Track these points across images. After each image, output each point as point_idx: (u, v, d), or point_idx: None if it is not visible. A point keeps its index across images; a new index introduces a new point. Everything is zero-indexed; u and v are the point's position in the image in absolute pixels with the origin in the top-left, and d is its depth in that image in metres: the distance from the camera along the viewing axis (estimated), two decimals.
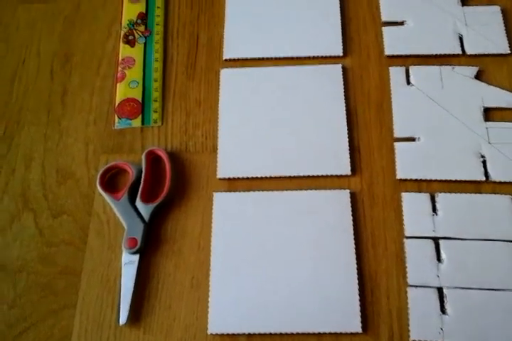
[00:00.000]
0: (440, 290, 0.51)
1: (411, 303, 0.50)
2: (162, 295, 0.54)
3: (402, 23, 0.65)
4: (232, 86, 0.63)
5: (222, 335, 0.51)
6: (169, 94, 0.65)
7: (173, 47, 0.68)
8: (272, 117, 0.61)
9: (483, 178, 0.55)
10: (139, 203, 0.56)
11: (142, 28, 0.69)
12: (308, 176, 0.58)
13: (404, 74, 0.61)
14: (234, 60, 0.65)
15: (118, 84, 0.65)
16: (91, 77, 0.66)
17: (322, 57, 0.64)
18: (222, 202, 0.57)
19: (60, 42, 0.69)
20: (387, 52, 0.63)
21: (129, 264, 0.54)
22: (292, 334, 0.51)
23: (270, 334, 0.51)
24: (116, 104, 0.64)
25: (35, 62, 0.68)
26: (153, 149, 0.60)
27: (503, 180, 0.55)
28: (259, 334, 0.51)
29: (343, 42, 0.64)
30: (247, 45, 0.65)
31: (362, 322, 0.50)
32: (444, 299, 0.50)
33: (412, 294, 0.51)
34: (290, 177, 0.58)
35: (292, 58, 0.64)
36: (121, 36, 0.68)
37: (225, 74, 0.64)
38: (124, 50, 0.67)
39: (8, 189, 0.60)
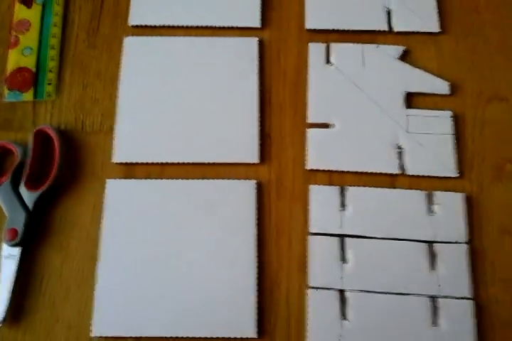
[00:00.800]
0: (342, 293, 0.47)
1: (310, 307, 0.47)
2: (46, 292, 0.49)
3: None
4: (136, 57, 0.56)
5: (106, 338, 0.47)
6: (67, 63, 0.57)
7: (74, 10, 0.60)
8: (177, 96, 0.54)
9: (399, 171, 0.51)
10: (22, 190, 0.50)
11: None
12: (214, 163, 0.52)
13: (325, 51, 0.55)
14: (141, 26, 0.58)
15: (10, 51, 0.57)
16: None
17: (238, 28, 0.57)
18: (116, 190, 0.51)
19: None
20: (308, 25, 0.57)
21: (8, 258, 0.49)
22: (183, 338, 0.47)
23: (159, 338, 0.47)
24: (7, 74, 0.56)
25: None
26: (43, 128, 0.53)
27: (420, 174, 0.51)
28: (147, 338, 0.47)
29: (262, 12, 0.57)
30: (157, 10, 0.58)
31: (258, 326, 0.46)
32: (346, 302, 0.47)
33: (312, 296, 0.47)
34: (194, 164, 0.52)
35: (205, 28, 0.58)
36: None
37: (129, 43, 0.57)
38: (20, 12, 0.59)
39: None
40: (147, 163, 0.52)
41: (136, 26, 0.58)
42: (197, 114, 0.53)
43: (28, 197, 0.50)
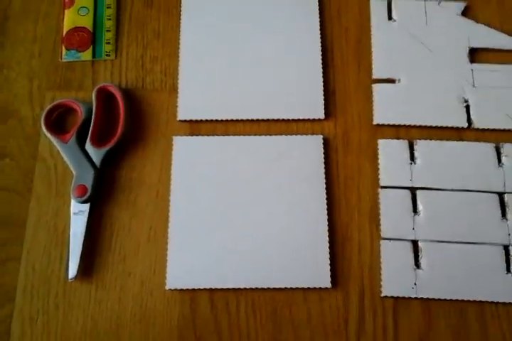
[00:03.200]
0: (415, 243, 0.46)
1: (384, 257, 0.46)
2: (116, 248, 0.48)
3: None
4: (196, 15, 0.55)
5: (181, 291, 0.46)
6: (124, 23, 0.56)
7: None
8: (239, 53, 0.53)
9: (466, 125, 0.50)
10: (89, 147, 0.49)
11: None
12: (278, 120, 0.51)
13: (386, 7, 0.54)
14: None
15: (66, 11, 0.56)
16: (34, 1, 0.57)
17: None
18: (183, 147, 0.50)
19: None
20: None
21: (78, 214, 0.48)
22: (257, 289, 0.46)
23: (234, 289, 0.46)
24: (64, 34, 0.55)
25: None
26: (105, 85, 0.52)
27: (486, 127, 0.50)
28: (222, 290, 0.46)
29: None
30: None
31: (331, 276, 0.46)
32: (419, 253, 0.46)
33: (385, 247, 0.46)
34: (258, 121, 0.51)
35: None
36: None
37: (188, 2, 0.55)
38: None
39: None
40: (212, 120, 0.51)
41: None
42: (261, 71, 0.52)
43: (95, 154, 0.49)
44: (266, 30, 0.54)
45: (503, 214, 0.47)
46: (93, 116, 0.50)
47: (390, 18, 0.54)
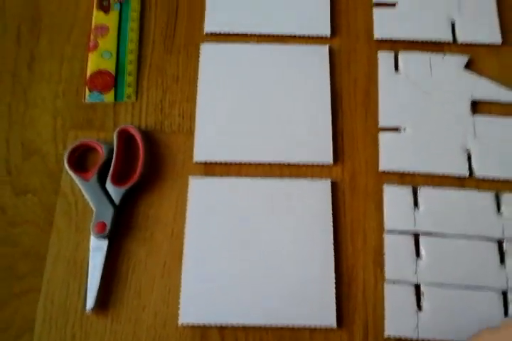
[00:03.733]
0: (417, 286, 0.48)
1: (387, 299, 0.48)
2: (132, 282, 0.50)
3: (393, 5, 0.60)
4: (213, 63, 0.58)
5: (193, 326, 0.48)
6: (145, 67, 0.59)
7: (150, 16, 0.61)
8: (253, 98, 0.56)
9: (467, 173, 0.52)
10: (109, 185, 0.52)
11: None
12: (289, 164, 0.54)
13: (393, 59, 0.57)
14: (215, 34, 0.59)
15: (90, 54, 0.59)
16: (61, 43, 0.60)
17: (308, 36, 0.59)
18: (198, 187, 0.53)
19: (26, 2, 0.62)
20: (377, 35, 0.58)
21: (97, 250, 0.50)
22: (266, 327, 0.48)
23: (243, 326, 0.48)
24: (88, 76, 0.58)
25: (0, 23, 0.61)
26: (126, 127, 0.54)
27: (486, 176, 0.52)
28: (232, 327, 0.48)
29: (331, 21, 0.59)
30: (230, 18, 0.60)
31: (337, 316, 0.48)
32: (421, 296, 0.48)
33: (388, 289, 0.48)
34: (270, 164, 0.54)
35: (277, 36, 0.59)
36: (95, 1, 0.62)
37: (206, 50, 0.59)
38: (98, 17, 0.61)
39: None
40: (225, 163, 0.54)
41: (211, 33, 0.59)
42: (273, 117, 0.55)
43: (115, 192, 0.52)
44: (279, 78, 0.57)
45: (502, 261, 0.49)
46: (114, 157, 0.53)
47: (396, 69, 0.57)
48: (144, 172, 0.53)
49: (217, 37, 0.60)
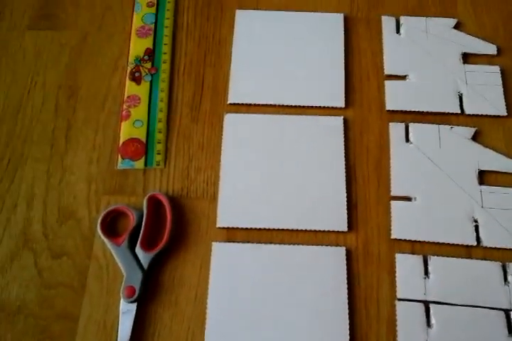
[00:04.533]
0: None
1: None
2: None
3: (404, 78, 0.63)
4: (235, 132, 0.62)
5: None
6: (173, 135, 0.63)
7: (178, 87, 0.66)
8: (272, 167, 0.59)
9: (475, 243, 0.55)
10: (138, 250, 0.55)
11: (149, 64, 0.67)
12: (306, 230, 0.57)
13: (404, 130, 0.60)
14: (238, 104, 0.63)
15: (123, 123, 0.63)
16: (96, 113, 0.64)
17: (324, 107, 0.63)
18: (221, 253, 0.56)
19: (65, 73, 0.67)
20: (388, 106, 0.62)
21: (126, 313, 0.53)
22: None
23: None
24: (120, 144, 0.62)
25: (40, 94, 0.66)
26: (155, 194, 0.58)
27: (493, 246, 0.54)
28: None
29: (345, 93, 0.63)
30: (251, 90, 0.64)
31: None
32: None
33: None
34: (288, 230, 0.57)
35: (295, 106, 0.63)
36: (128, 72, 0.66)
37: (229, 120, 0.62)
38: (130, 88, 0.65)
39: (9, 226, 0.58)
40: (246, 228, 0.57)
41: (234, 104, 0.63)
42: (291, 185, 0.58)
43: (144, 257, 0.55)
44: (297, 147, 0.60)
45: (510, 331, 0.51)
46: (143, 222, 0.56)
47: (407, 140, 0.60)
48: (170, 237, 0.56)
49: (240, 107, 0.63)
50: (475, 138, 0.60)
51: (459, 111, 0.61)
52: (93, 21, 0.70)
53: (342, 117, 0.62)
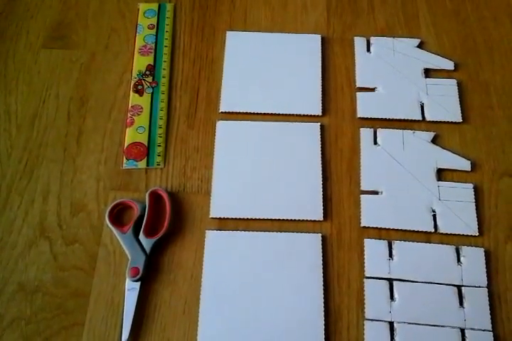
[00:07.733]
0: (391, 324, 0.57)
1: (367, 335, 0.57)
2: (158, 318, 0.60)
3: (373, 90, 0.72)
4: (226, 137, 0.69)
5: None
6: (171, 139, 0.71)
7: (176, 98, 0.73)
8: (258, 166, 0.67)
9: (433, 230, 0.62)
10: (142, 237, 0.62)
11: (150, 78, 0.75)
12: (287, 220, 0.64)
13: (373, 135, 0.68)
14: (228, 112, 0.71)
15: (127, 129, 0.71)
16: (103, 120, 0.72)
17: (304, 115, 0.71)
18: (213, 239, 0.63)
19: (76, 87, 0.74)
20: (359, 114, 0.70)
21: (131, 290, 0.60)
22: None
23: None
24: (125, 147, 0.70)
25: (54, 104, 0.73)
26: (156, 189, 0.65)
27: (449, 232, 0.62)
28: None
29: (322, 103, 0.71)
30: (240, 100, 0.72)
31: None
32: (394, 332, 0.57)
33: (368, 327, 0.57)
34: (272, 220, 0.64)
35: (278, 114, 0.71)
36: (132, 85, 0.74)
37: (221, 126, 0.70)
38: (134, 98, 0.73)
39: (27, 218, 0.65)
40: (236, 218, 0.64)
41: (225, 112, 0.71)
42: (274, 182, 0.66)
43: (146, 242, 0.62)
44: (280, 150, 0.68)
45: (461, 303, 0.58)
46: (146, 213, 0.64)
47: (375, 143, 0.68)
48: (169, 226, 0.63)
49: (230, 115, 0.71)
50: (434, 141, 0.68)
51: (421, 118, 0.69)
52: (100, 41, 0.78)
53: (319, 124, 0.70)
